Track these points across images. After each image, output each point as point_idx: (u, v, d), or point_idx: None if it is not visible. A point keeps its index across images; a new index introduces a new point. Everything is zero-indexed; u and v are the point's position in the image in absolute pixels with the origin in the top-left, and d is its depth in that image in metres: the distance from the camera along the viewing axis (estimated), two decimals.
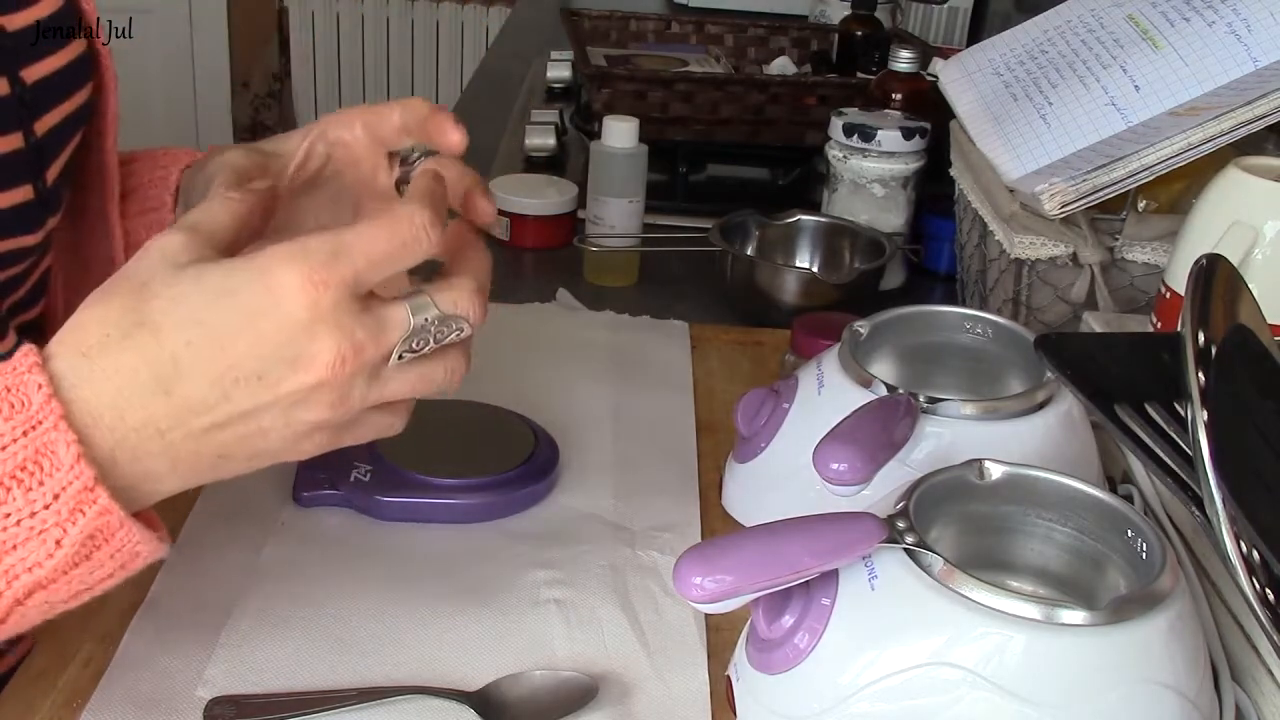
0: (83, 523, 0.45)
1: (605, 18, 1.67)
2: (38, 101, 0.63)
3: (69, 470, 0.44)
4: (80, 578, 0.47)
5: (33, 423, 0.44)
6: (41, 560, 0.45)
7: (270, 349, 0.46)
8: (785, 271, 1.06)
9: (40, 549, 0.45)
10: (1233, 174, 0.74)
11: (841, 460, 0.60)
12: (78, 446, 0.44)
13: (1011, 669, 0.48)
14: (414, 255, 0.49)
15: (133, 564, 0.48)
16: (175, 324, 0.46)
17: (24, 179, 0.62)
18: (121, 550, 0.47)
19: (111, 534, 0.46)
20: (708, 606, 0.52)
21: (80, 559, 0.46)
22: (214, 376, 0.46)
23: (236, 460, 0.49)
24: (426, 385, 0.51)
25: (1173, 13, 0.90)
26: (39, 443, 0.44)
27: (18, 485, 0.44)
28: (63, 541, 0.45)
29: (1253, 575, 0.49)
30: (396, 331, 0.49)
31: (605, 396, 0.87)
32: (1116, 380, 0.60)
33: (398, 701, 0.58)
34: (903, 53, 1.20)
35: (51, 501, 0.44)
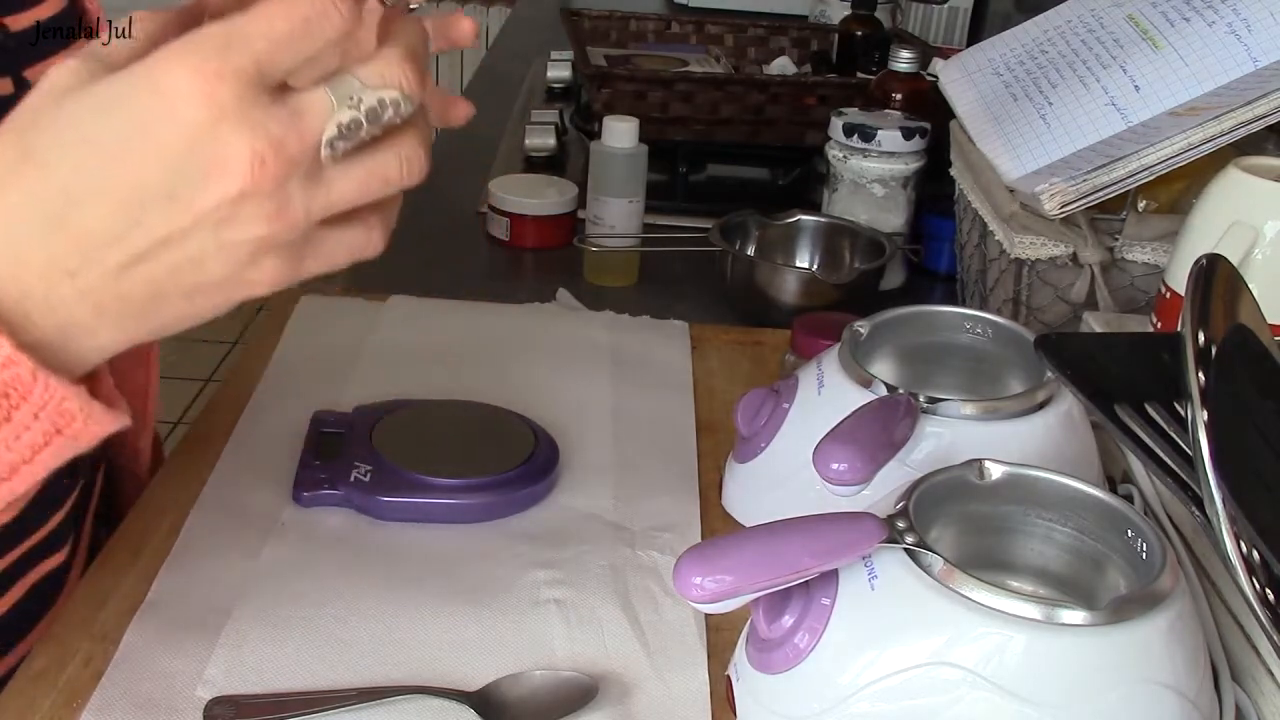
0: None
1: (605, 18, 1.67)
2: None
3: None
4: (5, 443, 0.42)
5: None
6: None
7: (173, 159, 0.40)
8: (785, 271, 1.06)
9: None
10: (1233, 174, 0.74)
11: (841, 460, 0.60)
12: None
13: (1011, 669, 0.48)
14: (321, 31, 0.41)
15: (69, 428, 0.43)
16: (59, 149, 0.40)
17: None
18: (46, 409, 0.42)
19: (27, 389, 0.41)
20: (708, 606, 0.52)
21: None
22: (115, 201, 0.40)
23: (174, 299, 0.43)
24: (380, 180, 0.44)
25: (1173, 13, 0.90)
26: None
27: None
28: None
29: (1253, 575, 0.49)
30: (318, 118, 0.41)
31: (605, 396, 0.87)
32: (1116, 380, 0.60)
33: (398, 701, 0.58)
34: (903, 53, 1.21)
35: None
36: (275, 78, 0.41)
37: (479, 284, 1.09)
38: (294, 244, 0.43)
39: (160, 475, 0.76)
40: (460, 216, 1.23)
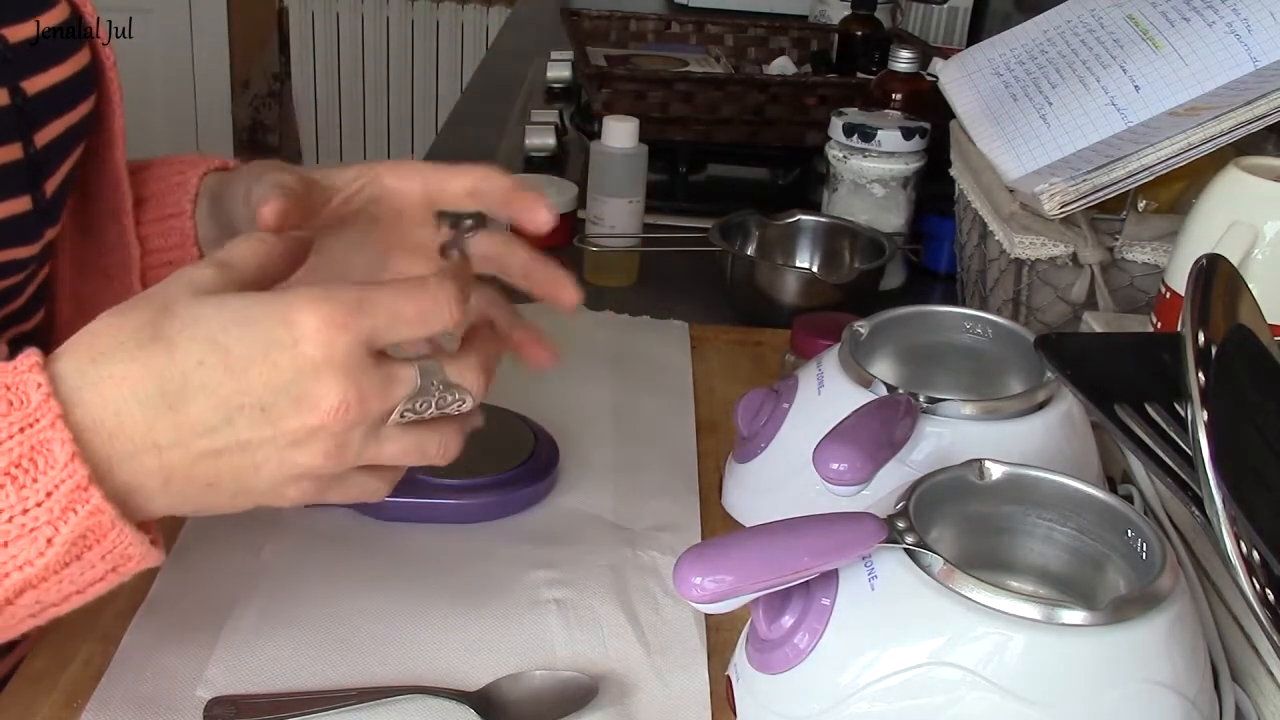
0: (74, 521, 0.44)
1: (605, 18, 1.67)
2: (38, 113, 0.62)
3: (62, 468, 0.44)
4: (71, 578, 0.47)
5: (29, 420, 0.44)
6: (32, 558, 0.45)
7: (280, 382, 0.46)
8: (785, 271, 1.06)
9: (31, 547, 0.44)
10: (1233, 174, 0.74)
11: (841, 460, 0.60)
12: (72, 446, 0.44)
13: (1011, 669, 0.48)
14: (432, 324, 0.49)
15: (124, 567, 0.48)
16: (190, 342, 0.46)
17: (22, 190, 0.62)
18: (113, 552, 0.47)
19: (103, 534, 0.46)
20: (708, 606, 0.52)
21: (71, 558, 0.46)
22: (220, 400, 0.46)
23: (223, 494, 0.49)
24: (419, 454, 0.52)
25: (1173, 13, 0.90)
26: (34, 440, 0.44)
27: (11, 482, 0.44)
28: (54, 540, 0.44)
29: (1253, 575, 0.49)
30: (403, 388, 0.49)
31: (605, 396, 0.87)
32: (1116, 380, 0.60)
33: (398, 701, 0.58)
34: (903, 53, 1.21)
35: (44, 499, 0.44)
36: (381, 345, 0.48)
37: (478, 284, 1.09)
38: (331, 479, 0.50)
39: None
40: None
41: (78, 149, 0.67)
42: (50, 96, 0.63)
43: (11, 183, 0.61)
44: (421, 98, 3.48)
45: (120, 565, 0.48)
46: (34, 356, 0.45)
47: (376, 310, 0.47)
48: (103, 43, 0.68)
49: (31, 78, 0.62)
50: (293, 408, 0.47)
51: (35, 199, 0.63)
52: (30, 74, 0.62)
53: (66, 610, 0.49)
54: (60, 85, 0.64)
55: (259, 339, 0.46)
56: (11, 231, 0.61)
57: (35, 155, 0.62)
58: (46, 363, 0.46)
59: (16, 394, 0.45)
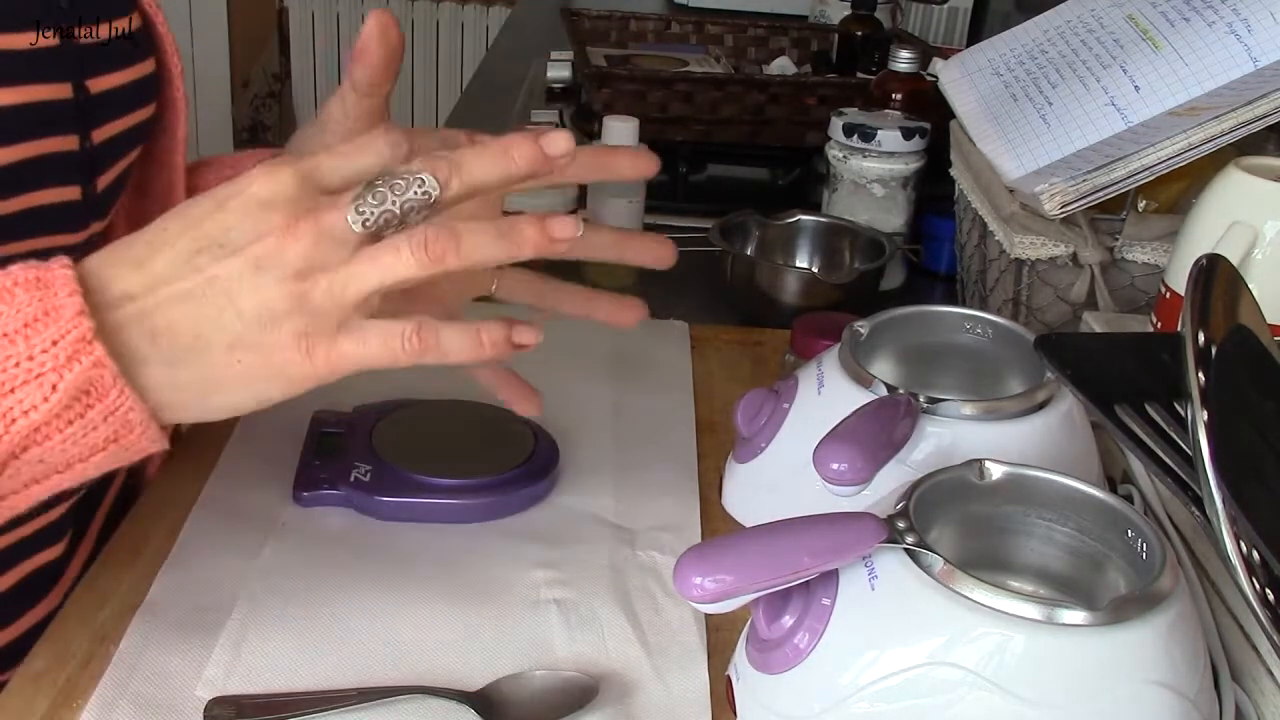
0: (78, 369, 0.46)
1: (605, 18, 1.67)
2: (99, 110, 0.65)
3: (69, 320, 0.46)
4: (74, 438, 0.48)
5: (48, 288, 0.47)
6: (37, 403, 0.46)
7: (232, 220, 0.48)
8: (785, 271, 1.06)
9: (37, 392, 0.46)
10: (1233, 174, 0.74)
11: (841, 460, 0.60)
12: (81, 301, 0.47)
13: (1011, 669, 0.48)
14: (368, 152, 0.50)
15: (126, 436, 0.49)
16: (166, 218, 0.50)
17: (74, 180, 0.64)
18: (115, 414, 0.48)
19: (105, 391, 0.47)
20: (708, 606, 0.52)
21: (74, 415, 0.47)
22: (180, 249, 0.48)
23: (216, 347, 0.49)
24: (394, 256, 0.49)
25: (1173, 13, 0.90)
26: (50, 303, 0.47)
27: (22, 337, 0.46)
28: (58, 386, 0.46)
29: (1253, 575, 0.49)
30: (350, 194, 0.49)
31: (605, 396, 0.87)
32: (1116, 380, 0.60)
33: (398, 701, 0.58)
34: (903, 53, 1.21)
35: (50, 346, 0.46)
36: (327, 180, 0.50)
37: None
38: (325, 316, 0.49)
39: (160, 475, 0.76)
40: None
41: (135, 150, 0.70)
42: (112, 97, 0.66)
43: (64, 172, 0.63)
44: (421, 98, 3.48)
45: (122, 434, 0.49)
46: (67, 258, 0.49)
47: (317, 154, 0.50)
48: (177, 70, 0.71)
49: (97, 77, 0.64)
50: (247, 235, 0.48)
51: (85, 191, 0.65)
52: (96, 73, 0.64)
53: (70, 482, 0.50)
54: (124, 88, 0.67)
55: (212, 196, 0.49)
56: (59, 218, 0.64)
57: (91, 150, 0.65)
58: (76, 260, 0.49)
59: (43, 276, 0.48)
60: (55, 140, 0.62)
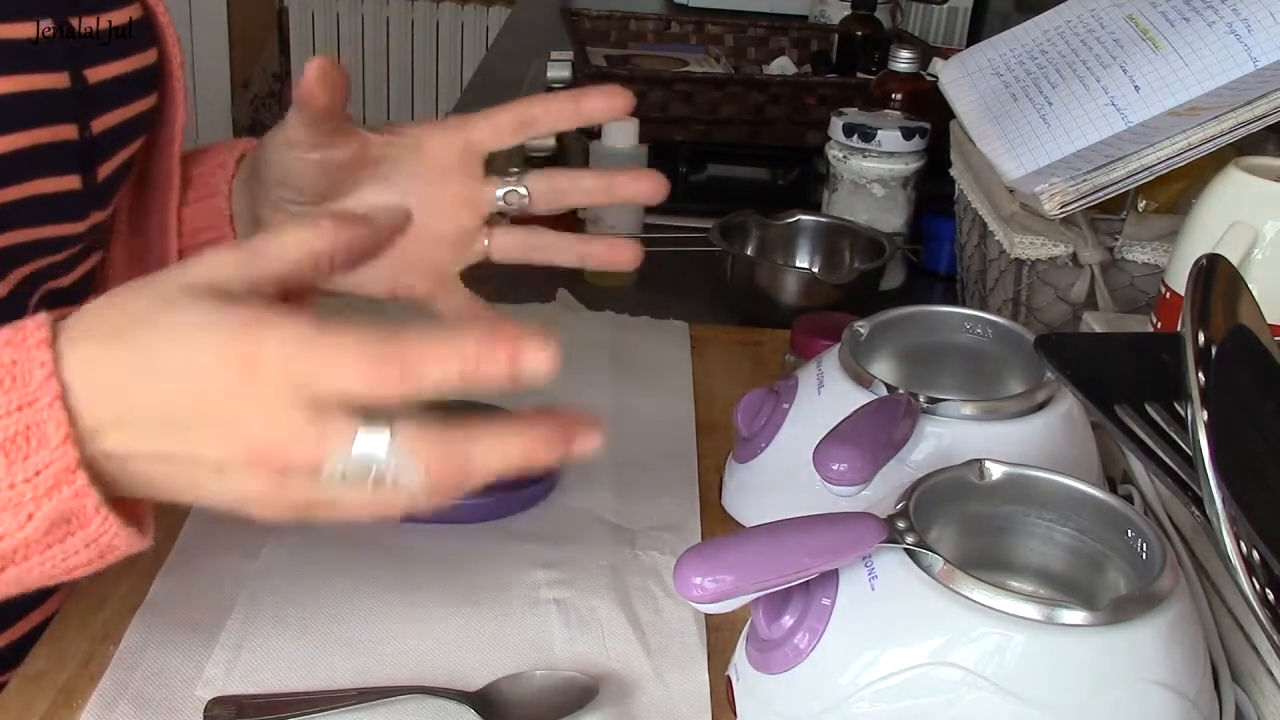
0: (57, 499, 0.44)
1: (605, 18, 1.67)
2: (98, 100, 0.65)
3: (54, 449, 0.44)
4: (53, 560, 0.46)
5: (29, 399, 0.44)
6: (12, 531, 0.44)
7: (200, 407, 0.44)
8: (785, 271, 1.06)
9: (12, 520, 0.44)
10: (1233, 174, 0.74)
11: (841, 460, 0.60)
12: (67, 428, 0.44)
13: (1011, 669, 0.48)
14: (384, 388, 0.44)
15: (110, 555, 0.47)
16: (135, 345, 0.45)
17: (73, 169, 0.64)
18: (97, 541, 0.46)
19: (87, 520, 0.45)
20: (708, 606, 0.52)
21: (54, 541, 0.45)
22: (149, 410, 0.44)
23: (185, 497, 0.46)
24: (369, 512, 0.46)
25: (1173, 13, 0.90)
26: (31, 420, 0.44)
27: (3, 456, 0.44)
28: (34, 515, 0.44)
29: (1253, 575, 0.49)
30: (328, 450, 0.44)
31: (605, 397, 0.87)
32: (1116, 380, 0.60)
33: (398, 701, 0.58)
34: (903, 53, 1.21)
35: (32, 476, 0.44)
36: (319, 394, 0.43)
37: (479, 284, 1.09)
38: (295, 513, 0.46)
39: None
40: None
41: (136, 141, 0.70)
42: (112, 87, 0.66)
43: (63, 161, 0.63)
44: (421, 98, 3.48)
45: (106, 553, 0.47)
46: (43, 330, 0.45)
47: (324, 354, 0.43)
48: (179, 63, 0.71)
49: (95, 67, 0.64)
50: (211, 436, 0.44)
51: (85, 180, 0.65)
52: (94, 63, 0.64)
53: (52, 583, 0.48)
54: (123, 77, 0.66)
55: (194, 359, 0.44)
56: (59, 207, 0.64)
57: (90, 139, 0.64)
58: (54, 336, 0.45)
59: (21, 370, 0.44)
60: (53, 129, 0.62)
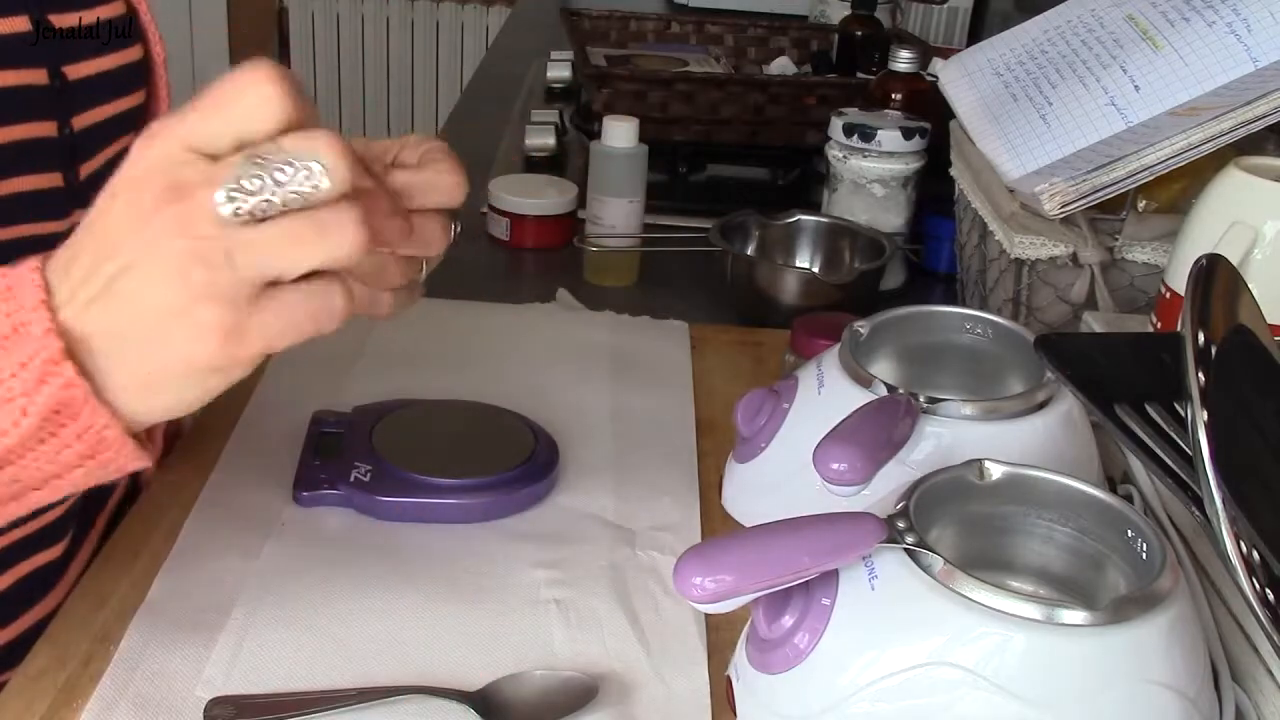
0: (48, 390, 0.45)
1: (605, 18, 1.68)
2: (78, 97, 0.64)
3: (38, 340, 0.45)
4: (48, 456, 0.47)
5: (18, 305, 0.46)
6: (7, 428, 0.45)
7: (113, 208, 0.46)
8: (785, 271, 1.06)
9: (7, 417, 0.45)
10: (1233, 174, 0.74)
11: (841, 460, 0.60)
12: (49, 320, 0.45)
13: (1011, 669, 0.48)
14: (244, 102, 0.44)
15: (101, 451, 0.48)
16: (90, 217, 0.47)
17: (54, 167, 0.64)
18: (88, 432, 0.46)
19: (77, 410, 0.46)
20: (708, 606, 0.52)
21: (46, 434, 0.46)
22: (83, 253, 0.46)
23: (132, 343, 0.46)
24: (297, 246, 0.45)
25: (1173, 13, 0.90)
26: (18, 320, 0.45)
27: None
28: (28, 410, 0.45)
29: (1253, 575, 0.49)
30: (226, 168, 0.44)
31: (605, 396, 0.87)
32: (1116, 380, 0.60)
33: (398, 701, 0.58)
34: (903, 53, 1.21)
35: (18, 370, 0.45)
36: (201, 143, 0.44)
37: (479, 284, 1.09)
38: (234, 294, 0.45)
39: (160, 475, 0.76)
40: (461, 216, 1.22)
41: (121, 139, 0.69)
42: (93, 84, 0.65)
43: (43, 158, 0.63)
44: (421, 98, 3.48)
45: (98, 450, 0.47)
46: (38, 258, 0.47)
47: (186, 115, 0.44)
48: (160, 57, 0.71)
49: (75, 64, 0.64)
50: (126, 220, 0.45)
51: (67, 178, 0.65)
52: (74, 60, 0.64)
53: (52, 498, 0.49)
54: (105, 75, 0.66)
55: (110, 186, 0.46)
56: (40, 205, 0.63)
57: (71, 137, 0.64)
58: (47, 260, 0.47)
59: (14, 281, 0.46)
60: (32, 126, 0.62)
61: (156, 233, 0.44)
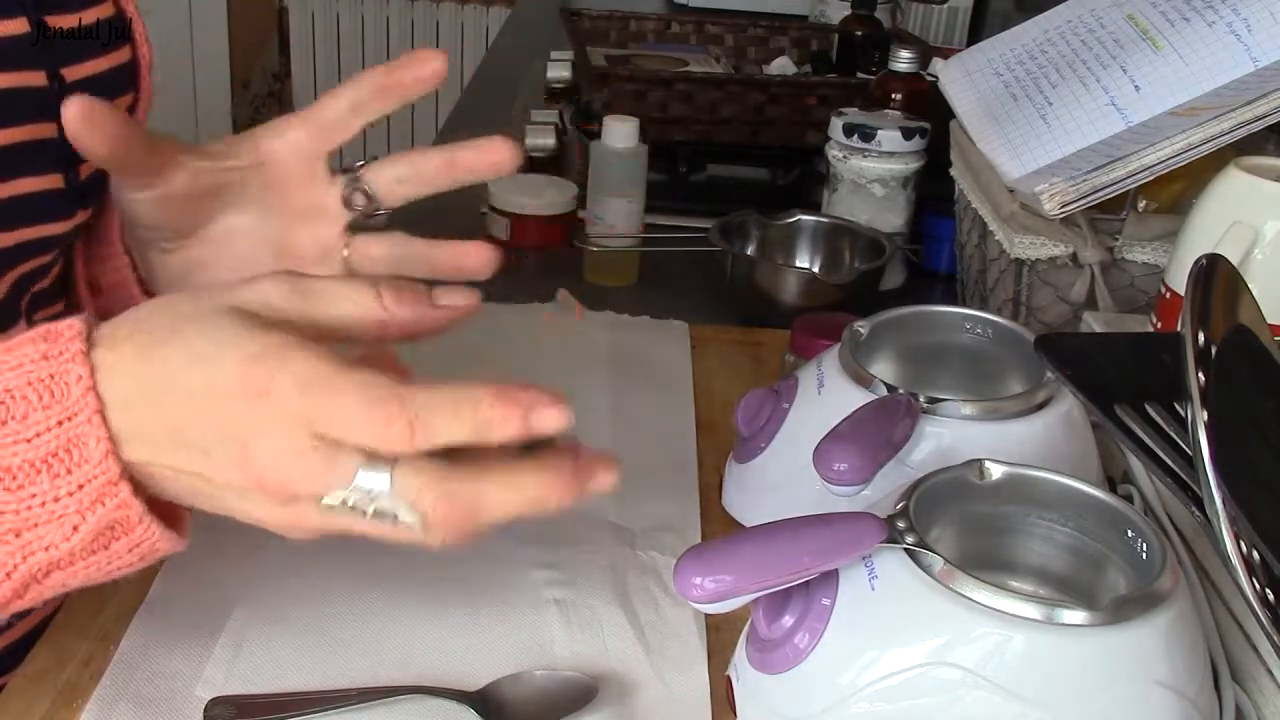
0: (101, 513, 0.46)
1: (605, 18, 1.68)
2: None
3: (96, 465, 0.45)
4: (98, 565, 0.47)
5: (68, 414, 0.45)
6: (58, 542, 0.46)
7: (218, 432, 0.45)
8: (785, 271, 1.06)
9: (58, 532, 0.45)
10: (1233, 174, 0.74)
11: (841, 460, 0.60)
12: (107, 443, 0.45)
13: (1011, 669, 0.48)
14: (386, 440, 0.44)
15: (151, 556, 0.49)
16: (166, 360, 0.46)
17: (55, 168, 0.64)
18: (140, 545, 0.47)
19: (130, 527, 0.47)
20: (708, 606, 0.52)
21: (98, 547, 0.47)
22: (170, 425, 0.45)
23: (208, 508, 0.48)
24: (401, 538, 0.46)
25: (1173, 13, 0.90)
26: (71, 434, 0.45)
27: (46, 470, 0.45)
28: (80, 528, 0.45)
29: (1253, 575, 0.49)
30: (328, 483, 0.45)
31: (605, 397, 0.87)
32: (1116, 380, 0.60)
33: (398, 701, 0.58)
34: (903, 53, 1.21)
35: (75, 490, 0.45)
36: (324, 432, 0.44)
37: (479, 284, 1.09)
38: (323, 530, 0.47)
39: None
40: (460, 216, 1.23)
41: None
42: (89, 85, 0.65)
43: (44, 160, 0.63)
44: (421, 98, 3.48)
45: (148, 555, 0.48)
46: (78, 343, 0.46)
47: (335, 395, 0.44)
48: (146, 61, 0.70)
49: (72, 65, 0.64)
50: (219, 457, 0.45)
51: (68, 179, 0.65)
52: (71, 62, 0.64)
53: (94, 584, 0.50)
54: (100, 76, 0.66)
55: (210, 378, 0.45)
56: (43, 207, 0.63)
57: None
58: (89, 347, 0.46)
59: (59, 384, 0.45)
60: (32, 128, 0.62)
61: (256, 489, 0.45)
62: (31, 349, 0.46)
